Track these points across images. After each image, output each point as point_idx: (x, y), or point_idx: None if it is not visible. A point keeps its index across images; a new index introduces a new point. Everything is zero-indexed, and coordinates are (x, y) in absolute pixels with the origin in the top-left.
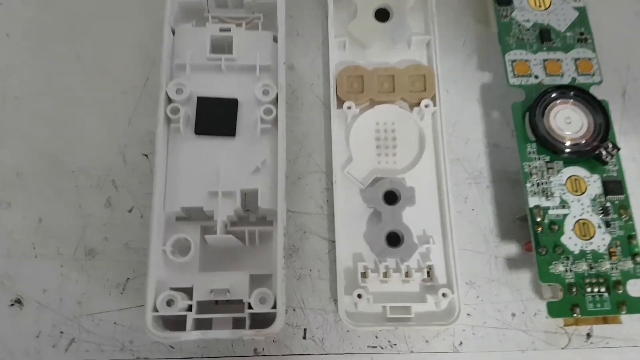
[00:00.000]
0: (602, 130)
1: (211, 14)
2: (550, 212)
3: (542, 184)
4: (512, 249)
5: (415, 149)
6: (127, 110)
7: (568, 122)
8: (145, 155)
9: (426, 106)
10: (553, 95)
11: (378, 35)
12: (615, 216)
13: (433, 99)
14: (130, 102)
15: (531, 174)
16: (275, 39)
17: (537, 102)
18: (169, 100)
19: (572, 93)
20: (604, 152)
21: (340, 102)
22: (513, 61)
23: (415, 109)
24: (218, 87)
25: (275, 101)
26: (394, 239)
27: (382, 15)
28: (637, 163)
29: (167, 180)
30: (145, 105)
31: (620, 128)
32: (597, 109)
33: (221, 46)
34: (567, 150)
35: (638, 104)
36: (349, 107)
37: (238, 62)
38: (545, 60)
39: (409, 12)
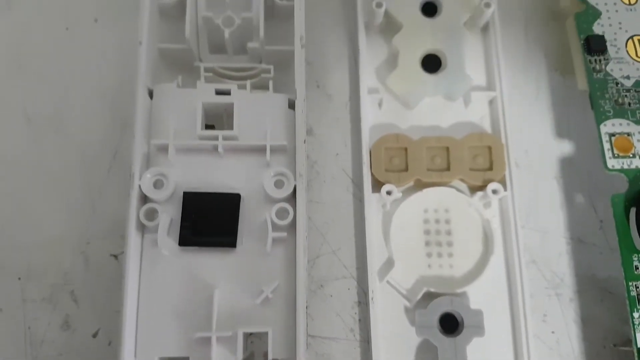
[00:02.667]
0: None
1: (204, 63)
2: None
3: None
4: None
5: (479, 250)
6: (91, 191)
7: None
8: (115, 256)
9: (494, 192)
10: None
11: (426, 90)
12: None
13: (502, 181)
14: (95, 180)
15: None
16: (291, 105)
17: None
18: (144, 198)
19: None
20: None
21: (377, 184)
22: (611, 135)
23: (478, 193)
24: (213, 178)
25: (293, 197)
26: None
27: (432, 63)
28: None
29: (140, 316)
30: (115, 185)
31: None
32: None
33: (217, 116)
34: None
35: None
36: (389, 192)
37: (241, 140)
38: None
39: (468, 59)
